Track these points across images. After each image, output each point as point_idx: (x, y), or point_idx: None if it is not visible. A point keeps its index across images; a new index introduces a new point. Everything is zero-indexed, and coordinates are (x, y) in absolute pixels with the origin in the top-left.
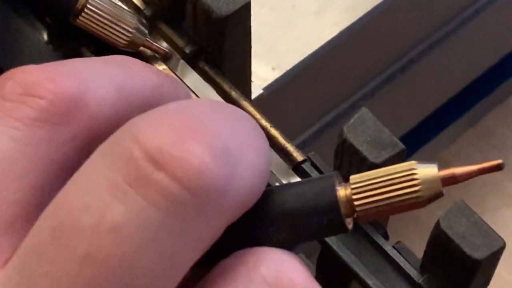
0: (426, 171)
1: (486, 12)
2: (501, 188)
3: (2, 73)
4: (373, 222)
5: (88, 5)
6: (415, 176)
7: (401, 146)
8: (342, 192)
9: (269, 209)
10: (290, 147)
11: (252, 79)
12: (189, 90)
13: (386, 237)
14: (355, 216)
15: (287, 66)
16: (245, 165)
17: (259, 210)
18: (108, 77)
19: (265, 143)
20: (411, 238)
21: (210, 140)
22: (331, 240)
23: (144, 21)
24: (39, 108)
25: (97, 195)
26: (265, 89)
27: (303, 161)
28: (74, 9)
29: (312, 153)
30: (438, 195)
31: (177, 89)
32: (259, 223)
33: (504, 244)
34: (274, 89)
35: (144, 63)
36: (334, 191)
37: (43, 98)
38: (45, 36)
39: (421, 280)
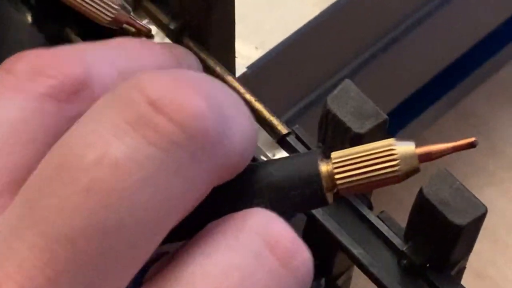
0: (404, 148)
1: None
2: (483, 167)
3: None
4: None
5: None
6: (393, 152)
7: (384, 116)
8: (324, 167)
9: (254, 181)
10: (274, 121)
11: (236, 57)
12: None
13: (370, 207)
14: (335, 190)
15: (270, 45)
16: (236, 125)
17: (244, 182)
18: (112, 61)
19: (252, 116)
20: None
21: (207, 94)
22: (317, 211)
23: None
24: (48, 85)
25: (99, 135)
26: (249, 67)
27: (287, 134)
28: None
29: (297, 126)
30: (415, 171)
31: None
32: (243, 195)
33: (486, 210)
34: (258, 68)
35: (148, 43)
36: (316, 165)
37: (53, 78)
38: (29, 18)
39: (405, 248)
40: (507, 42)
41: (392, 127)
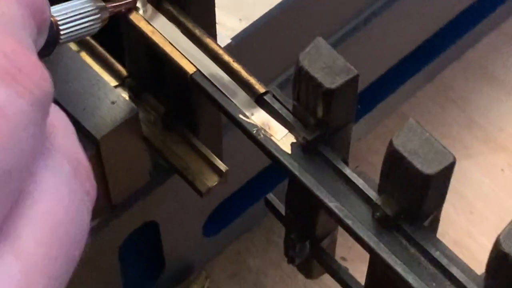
0: (100, 6)
1: None
2: (460, 140)
3: None
4: (334, 148)
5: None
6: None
7: (355, 71)
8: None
9: None
10: (252, 80)
11: (220, 29)
12: None
13: (346, 162)
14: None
15: (254, 17)
16: None
17: None
18: None
19: None
20: None
21: None
22: (294, 167)
23: None
24: None
25: None
26: (233, 39)
27: (265, 93)
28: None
29: (274, 87)
30: (106, 19)
31: None
32: None
33: (455, 159)
34: (242, 39)
35: None
36: None
37: None
38: None
39: (378, 200)
40: (482, 17)
41: (370, 100)
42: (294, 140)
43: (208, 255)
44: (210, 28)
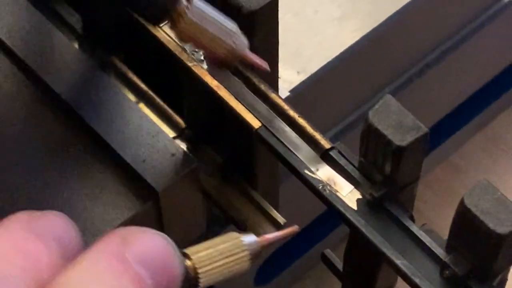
0: (249, 239)
1: (495, 22)
2: (511, 190)
3: (32, 75)
4: (400, 205)
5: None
6: (243, 243)
7: (425, 129)
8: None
9: None
10: (317, 136)
11: (279, 82)
12: None
13: (412, 219)
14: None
15: (311, 70)
16: None
17: None
18: None
19: None
20: None
21: None
22: (360, 224)
23: None
24: None
25: None
26: (291, 91)
27: (330, 149)
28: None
29: (338, 142)
30: (258, 256)
31: None
32: None
33: None
34: (300, 92)
35: None
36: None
37: None
38: (76, 44)
39: (447, 258)
40: None
41: None
42: (360, 196)
43: None
44: (273, 82)
